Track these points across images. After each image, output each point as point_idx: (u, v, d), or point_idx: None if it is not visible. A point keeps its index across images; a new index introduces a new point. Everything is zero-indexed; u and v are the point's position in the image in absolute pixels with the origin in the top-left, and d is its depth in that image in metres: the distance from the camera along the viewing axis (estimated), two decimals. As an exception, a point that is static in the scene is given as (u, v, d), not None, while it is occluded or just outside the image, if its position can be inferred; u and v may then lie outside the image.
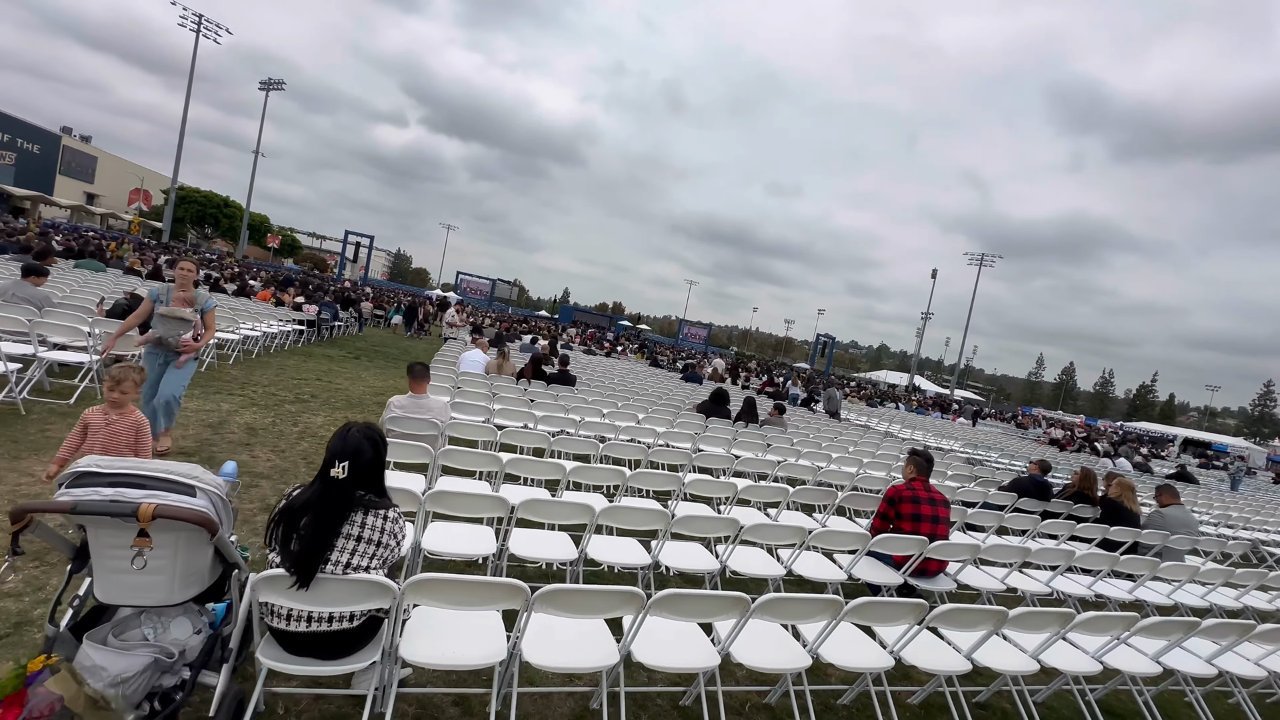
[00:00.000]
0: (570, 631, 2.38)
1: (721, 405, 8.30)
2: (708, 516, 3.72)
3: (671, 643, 2.44)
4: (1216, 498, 10.98)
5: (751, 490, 4.63)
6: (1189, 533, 5.76)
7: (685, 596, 2.21)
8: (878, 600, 2.59)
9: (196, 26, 42.12)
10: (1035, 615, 2.79)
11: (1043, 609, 2.83)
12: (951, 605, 2.61)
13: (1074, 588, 4.59)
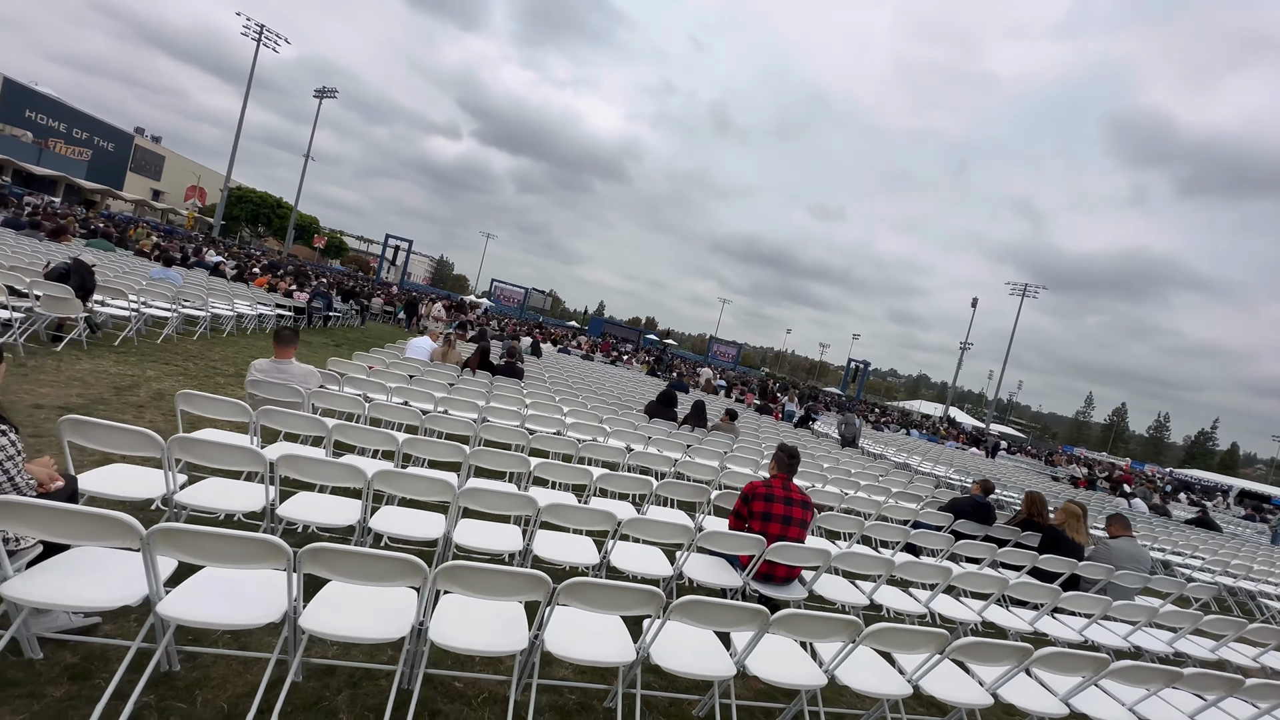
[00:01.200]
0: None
1: (667, 407, 8.02)
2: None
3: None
4: (1225, 543, 9.98)
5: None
6: (1137, 568, 5.17)
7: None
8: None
9: (258, 36, 44.69)
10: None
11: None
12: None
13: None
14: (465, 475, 3.87)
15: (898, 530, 4.97)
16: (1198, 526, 12.94)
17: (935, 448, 20.63)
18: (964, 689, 2.78)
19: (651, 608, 2.29)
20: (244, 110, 45.52)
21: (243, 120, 45.66)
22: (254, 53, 44.72)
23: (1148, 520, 12.51)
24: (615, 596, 2.26)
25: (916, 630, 2.53)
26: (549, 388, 8.53)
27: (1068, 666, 2.81)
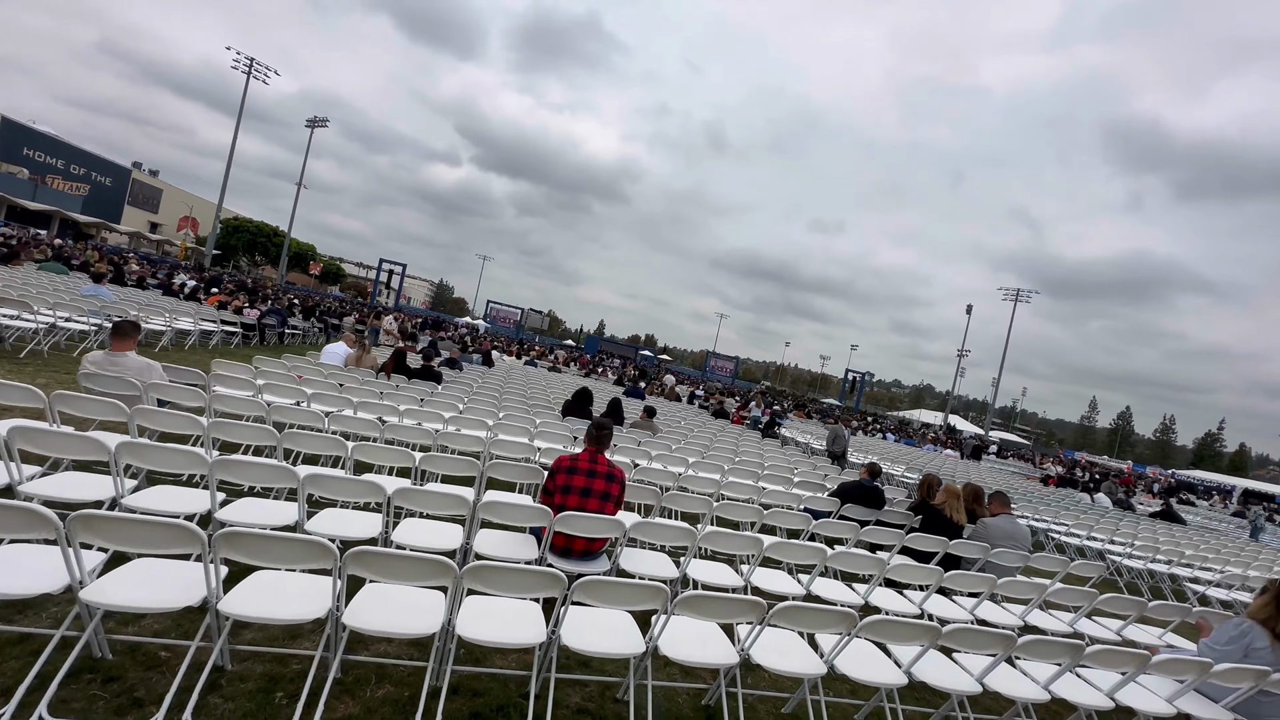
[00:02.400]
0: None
1: (583, 406, 7.97)
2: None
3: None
4: (1173, 533, 9.75)
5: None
6: (1014, 545, 5.05)
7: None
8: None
9: (248, 70, 45.79)
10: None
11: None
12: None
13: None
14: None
15: (789, 515, 4.89)
16: (1161, 519, 12.68)
17: (907, 450, 20.39)
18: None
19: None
20: (234, 141, 46.44)
21: (234, 151, 46.56)
22: (244, 86, 45.87)
23: (1106, 512, 12.28)
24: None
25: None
26: (468, 390, 8.51)
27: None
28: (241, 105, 46.27)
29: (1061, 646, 2.98)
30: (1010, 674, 3.14)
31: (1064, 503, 11.87)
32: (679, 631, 2.68)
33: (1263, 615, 3.38)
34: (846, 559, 4.07)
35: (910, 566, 4.35)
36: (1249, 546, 11.17)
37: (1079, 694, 3.15)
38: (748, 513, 4.74)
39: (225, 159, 46.68)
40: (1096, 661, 3.06)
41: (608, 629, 2.65)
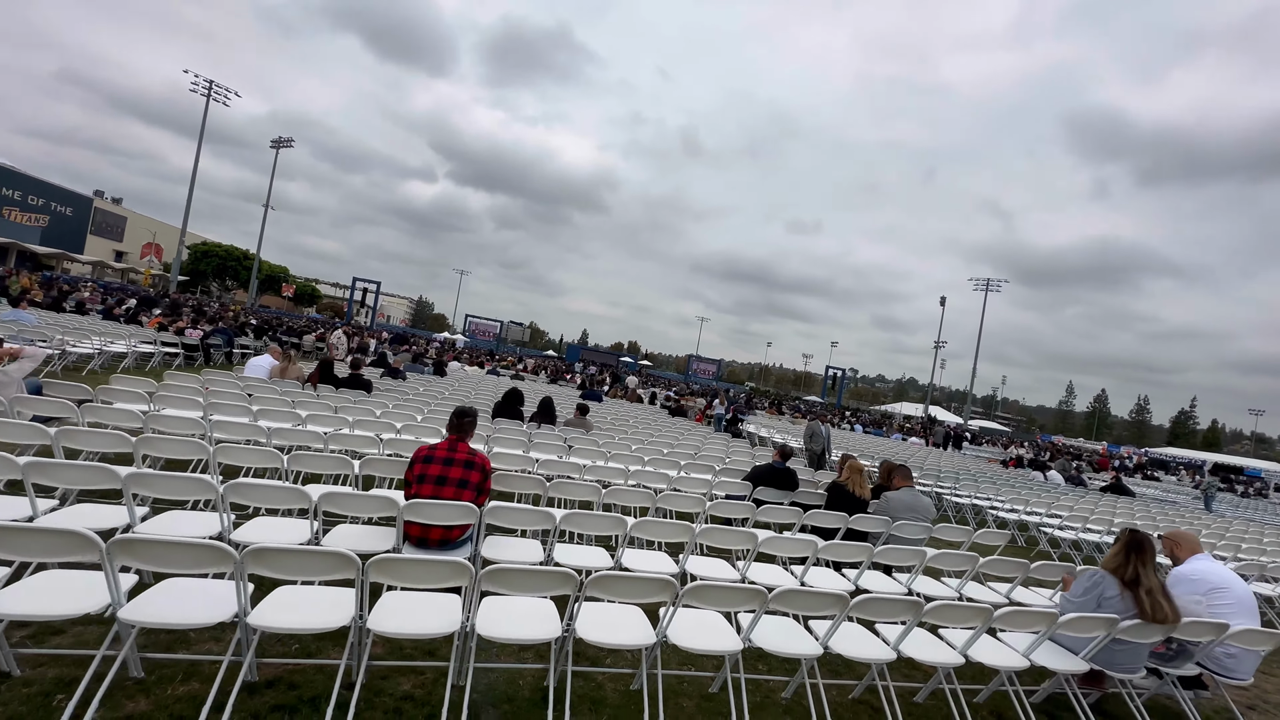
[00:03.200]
0: (615, 616, 2.82)
1: (513, 406, 7.92)
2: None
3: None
4: (1106, 504, 9.90)
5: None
6: (915, 517, 5.08)
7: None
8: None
9: (207, 92, 45.32)
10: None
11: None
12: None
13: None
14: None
15: (694, 500, 4.89)
16: (1111, 493, 12.89)
17: (874, 440, 20.55)
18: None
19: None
20: (196, 164, 45.85)
21: (195, 175, 45.95)
22: (204, 109, 45.38)
23: (1058, 488, 12.45)
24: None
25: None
26: (402, 398, 8.42)
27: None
28: (202, 128, 45.73)
29: (904, 605, 3.00)
30: (860, 636, 3.15)
31: (1011, 481, 12.01)
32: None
33: (1113, 564, 3.42)
34: (714, 534, 4.14)
35: (779, 539, 4.34)
36: (1201, 515, 11.39)
37: (934, 654, 3.16)
38: (671, 501, 4.83)
39: (197, 185, 46.08)
40: (938, 618, 3.08)
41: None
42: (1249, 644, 3.50)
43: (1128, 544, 3.43)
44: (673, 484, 5.82)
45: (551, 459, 5.83)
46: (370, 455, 4.49)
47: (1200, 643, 3.55)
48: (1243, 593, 3.66)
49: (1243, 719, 3.88)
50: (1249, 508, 17.72)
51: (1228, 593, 3.64)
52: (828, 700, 3.16)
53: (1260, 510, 17.08)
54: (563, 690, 2.78)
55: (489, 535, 3.68)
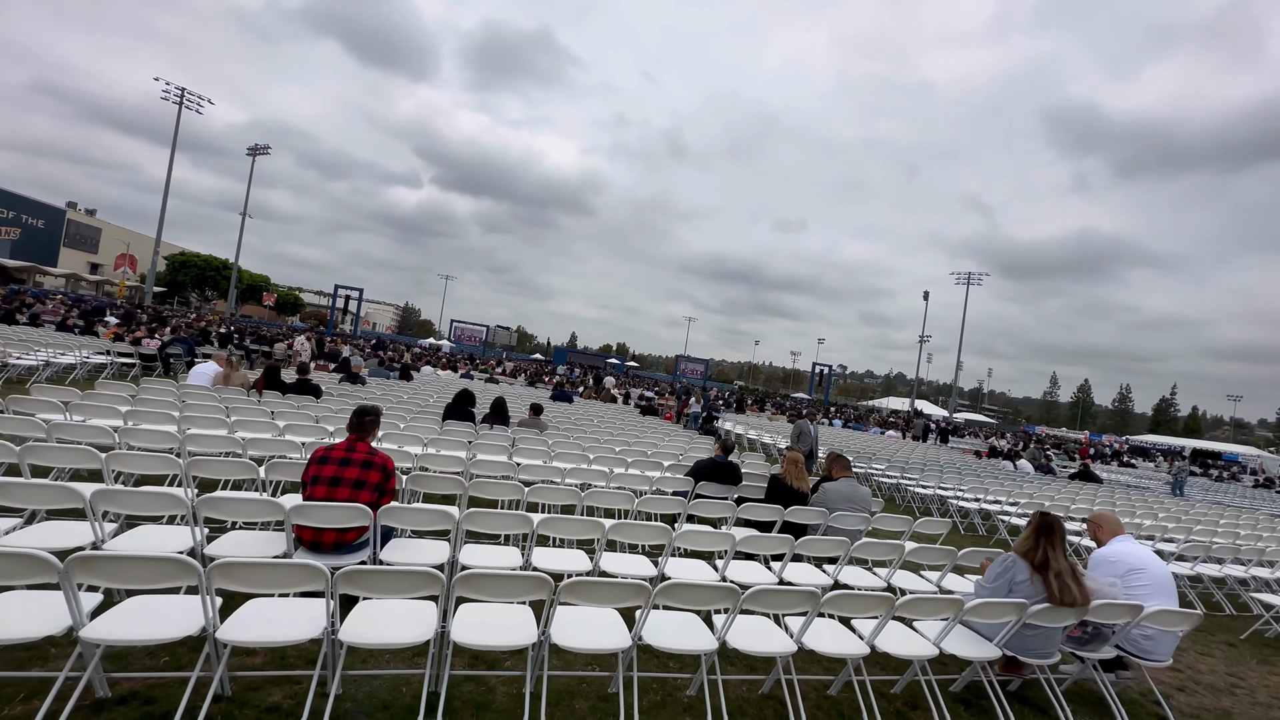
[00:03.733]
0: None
1: (463, 407, 7.79)
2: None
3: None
4: (1071, 491, 9.93)
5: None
6: (852, 507, 5.02)
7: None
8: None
9: (179, 100, 44.70)
10: None
11: None
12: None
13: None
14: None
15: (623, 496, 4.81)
16: (1080, 480, 12.96)
17: (851, 434, 20.59)
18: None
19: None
20: (169, 174, 45.13)
21: (169, 184, 45.21)
22: (177, 117, 44.75)
23: (1026, 477, 12.50)
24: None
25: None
26: (352, 402, 8.25)
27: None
28: (175, 136, 45.09)
29: (802, 596, 2.93)
30: (762, 629, 3.06)
31: (978, 471, 12.04)
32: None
33: (1024, 548, 3.37)
34: (693, 537, 4.13)
35: (759, 537, 4.28)
36: (1161, 499, 11.46)
37: (840, 645, 3.08)
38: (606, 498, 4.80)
39: (175, 195, 45.35)
40: (840, 608, 3.00)
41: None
42: (1165, 625, 3.46)
43: (1037, 527, 3.38)
44: (611, 480, 5.73)
45: (495, 459, 5.73)
46: (276, 460, 4.34)
47: (1115, 625, 3.51)
48: (1159, 574, 3.63)
49: (1166, 700, 3.84)
50: (1219, 491, 17.94)
51: (1144, 574, 3.60)
52: (730, 697, 3.09)
53: (1229, 494, 17.29)
54: (436, 698, 2.64)
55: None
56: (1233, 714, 3.83)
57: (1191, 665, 4.60)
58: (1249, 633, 5.51)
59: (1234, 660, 4.84)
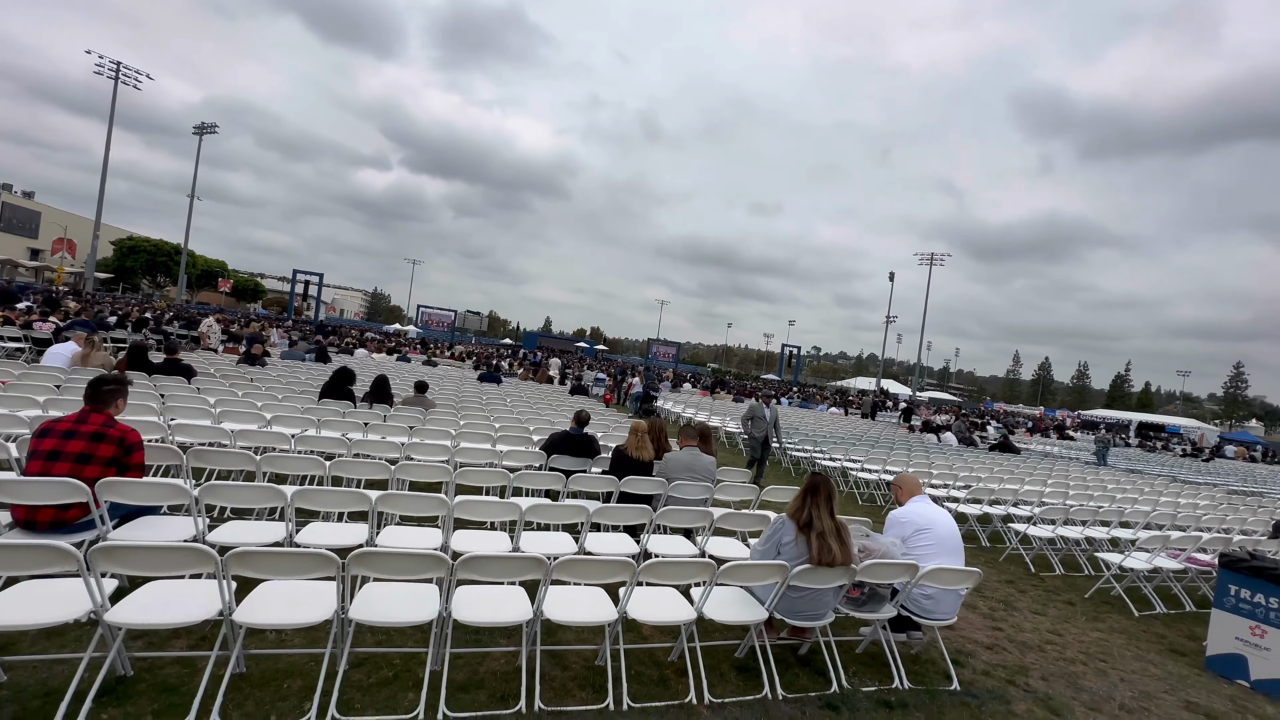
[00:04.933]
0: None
1: (340, 386, 7.50)
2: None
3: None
4: (984, 463, 10.08)
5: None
6: (693, 477, 4.92)
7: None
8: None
9: (115, 75, 42.52)
10: None
11: None
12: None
13: None
14: None
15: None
16: (999, 451, 13.20)
17: (798, 412, 20.73)
18: None
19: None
20: (108, 151, 43.02)
21: (107, 162, 43.05)
22: (113, 92, 42.55)
23: (948, 449, 12.67)
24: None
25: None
26: (226, 384, 7.90)
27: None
28: (111, 114, 42.85)
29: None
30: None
31: (900, 445, 12.15)
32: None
33: (792, 509, 3.28)
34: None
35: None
36: (1081, 470, 11.70)
37: (592, 613, 2.96)
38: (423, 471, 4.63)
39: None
40: (576, 574, 2.87)
41: None
42: (943, 583, 3.41)
43: (805, 488, 3.29)
44: (456, 455, 5.55)
45: (355, 437, 5.51)
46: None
47: (894, 585, 3.46)
48: (945, 533, 3.58)
49: (967, 659, 3.84)
50: (1140, 460, 18.53)
51: (929, 533, 3.55)
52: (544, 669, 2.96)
53: (1149, 462, 17.86)
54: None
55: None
56: (1029, 669, 3.83)
57: (1018, 624, 4.62)
58: (1092, 591, 5.60)
59: (1063, 619, 4.89)
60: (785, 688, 3.18)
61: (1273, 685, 3.91)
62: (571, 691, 2.92)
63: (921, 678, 3.51)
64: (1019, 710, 3.30)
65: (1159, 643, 4.64)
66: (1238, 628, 4.08)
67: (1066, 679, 3.79)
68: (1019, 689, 3.56)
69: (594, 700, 2.85)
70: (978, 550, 6.69)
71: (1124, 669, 4.07)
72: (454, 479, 4.49)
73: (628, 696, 2.87)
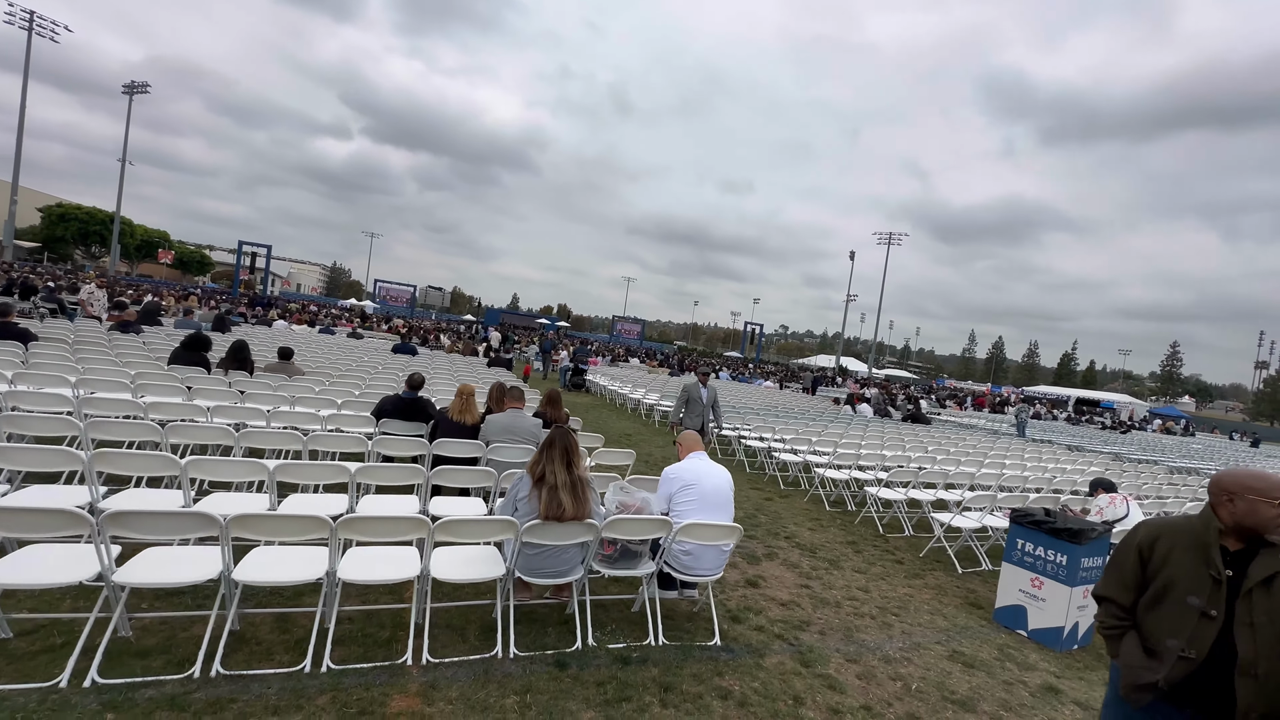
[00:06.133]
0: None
1: (193, 352, 7.10)
2: None
3: None
4: (896, 434, 10.23)
5: None
6: (512, 439, 4.76)
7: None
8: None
9: (28, 25, 39.48)
10: None
11: None
12: None
13: None
14: None
15: None
16: (911, 421, 13.46)
17: (735, 386, 20.87)
18: None
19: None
20: (23, 109, 40.16)
21: (23, 121, 40.28)
22: (27, 44, 39.50)
23: (859, 420, 12.86)
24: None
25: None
26: (62, 349, 7.40)
27: None
28: (26, 66, 39.80)
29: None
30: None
31: (815, 416, 12.28)
32: None
33: (530, 463, 3.15)
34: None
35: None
36: (999, 442, 11.99)
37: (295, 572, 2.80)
38: None
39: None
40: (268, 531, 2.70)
41: None
42: (700, 539, 3.34)
43: (544, 441, 3.16)
44: (323, 423, 5.31)
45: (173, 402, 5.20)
46: None
47: (649, 542, 3.38)
48: (710, 489, 3.50)
49: (734, 615, 3.81)
50: (1059, 431, 19.25)
51: (694, 489, 3.47)
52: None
53: (1061, 432, 18.57)
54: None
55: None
56: (811, 624, 3.83)
57: (830, 582, 4.64)
58: (926, 550, 5.70)
59: (881, 576, 4.94)
60: (527, 647, 3.09)
61: (1046, 634, 4.00)
62: (274, 654, 2.76)
63: (686, 634, 3.46)
64: (768, 664, 3.27)
65: (965, 597, 4.73)
66: (1021, 580, 4.16)
67: (845, 633, 3.80)
68: (786, 643, 3.54)
69: (292, 663, 2.70)
70: (840, 513, 6.77)
71: (912, 622, 4.11)
72: (239, 442, 4.25)
73: (329, 659, 2.72)
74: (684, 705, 2.79)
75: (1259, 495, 1.90)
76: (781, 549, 5.27)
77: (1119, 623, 2.08)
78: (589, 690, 2.80)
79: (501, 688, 2.74)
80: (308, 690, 2.54)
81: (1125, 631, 2.06)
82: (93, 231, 60.69)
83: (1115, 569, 2.13)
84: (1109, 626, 2.10)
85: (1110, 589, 2.13)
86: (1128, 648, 2.02)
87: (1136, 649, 2.00)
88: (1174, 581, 1.96)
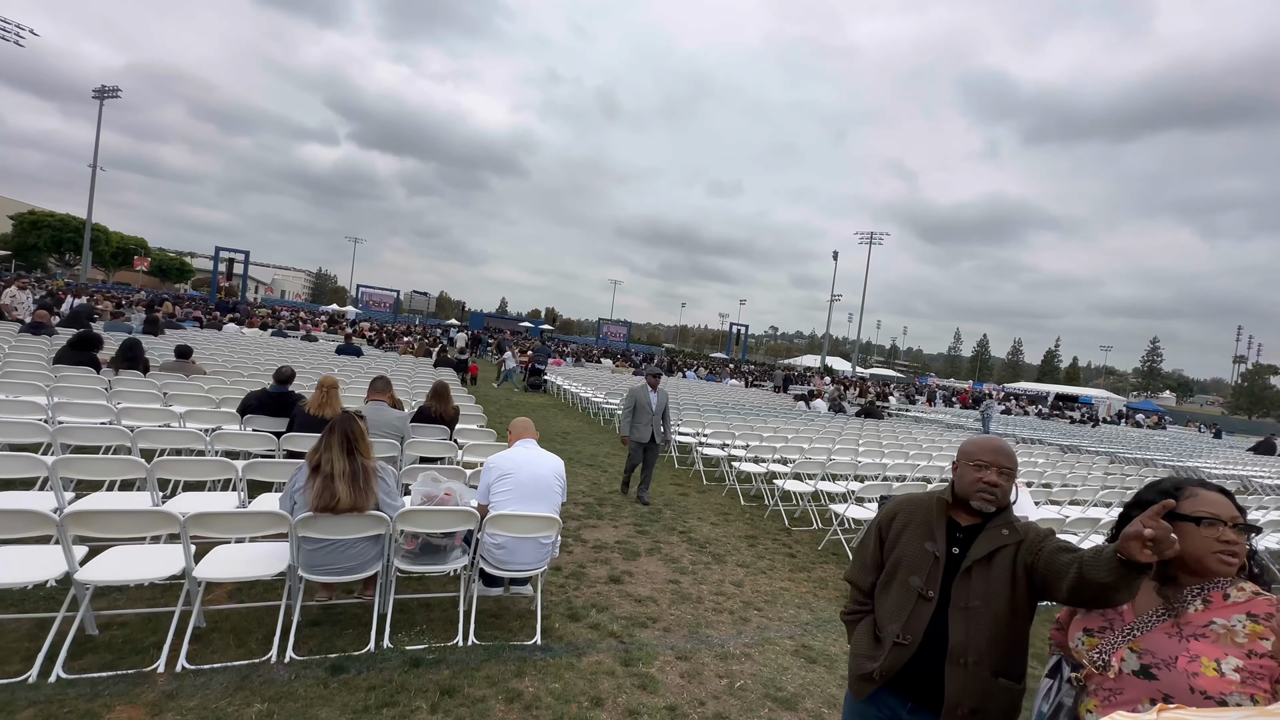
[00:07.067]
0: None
1: (81, 351, 6.81)
2: None
3: None
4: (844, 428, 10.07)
5: None
6: (376, 433, 4.53)
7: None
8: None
9: (-8, 30, 38.85)
10: None
11: None
12: None
13: None
14: None
15: None
16: (865, 416, 13.32)
17: (700, 384, 20.69)
18: None
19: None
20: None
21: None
22: (-10, 50, 38.82)
23: (811, 416, 12.70)
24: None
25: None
26: None
27: None
28: (-10, 74, 39.15)
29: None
30: None
31: (769, 413, 12.11)
32: None
33: (309, 450, 2.92)
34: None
35: None
36: (945, 435, 11.85)
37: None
38: None
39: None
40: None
41: None
42: (512, 531, 3.12)
43: (325, 428, 2.94)
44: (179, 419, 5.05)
45: None
46: None
47: (458, 535, 3.16)
48: (528, 478, 3.28)
49: (572, 614, 3.59)
50: (1025, 425, 19.21)
51: (510, 479, 3.25)
52: None
53: (1025, 427, 18.52)
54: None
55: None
56: (658, 621, 3.62)
57: (704, 577, 4.43)
58: (824, 543, 5.51)
59: (763, 570, 4.74)
60: (312, 650, 2.86)
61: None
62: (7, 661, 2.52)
63: (506, 634, 3.24)
64: (583, 664, 3.05)
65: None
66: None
67: (691, 629, 3.59)
68: (617, 640, 3.32)
69: (17, 674, 2.45)
70: (755, 507, 6.56)
71: (774, 617, 3.91)
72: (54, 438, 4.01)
73: (61, 669, 2.47)
74: (458, 710, 2.57)
75: (967, 458, 1.73)
76: (669, 544, 5.06)
77: (859, 608, 1.88)
78: (354, 696, 2.57)
79: (252, 696, 2.50)
80: (15, 703, 2.30)
81: (863, 617, 1.86)
82: (66, 239, 59.90)
83: (860, 550, 1.95)
84: (849, 612, 1.91)
85: (853, 572, 1.94)
86: (859, 635, 1.83)
87: (866, 636, 1.81)
88: (901, 560, 1.78)
